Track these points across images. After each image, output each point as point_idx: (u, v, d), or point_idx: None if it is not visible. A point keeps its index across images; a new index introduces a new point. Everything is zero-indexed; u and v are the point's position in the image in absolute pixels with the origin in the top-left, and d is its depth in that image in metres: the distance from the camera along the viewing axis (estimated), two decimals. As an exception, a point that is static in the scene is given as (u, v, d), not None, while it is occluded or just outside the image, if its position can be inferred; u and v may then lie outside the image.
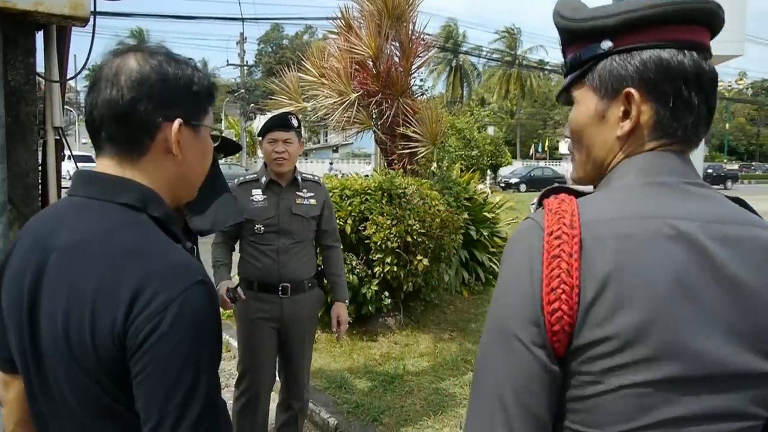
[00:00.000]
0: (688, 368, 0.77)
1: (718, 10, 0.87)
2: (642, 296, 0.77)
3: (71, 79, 2.09)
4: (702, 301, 0.78)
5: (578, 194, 0.91)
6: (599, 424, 0.79)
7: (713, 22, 0.89)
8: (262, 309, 2.95)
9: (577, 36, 0.94)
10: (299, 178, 3.07)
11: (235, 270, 3.11)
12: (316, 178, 3.21)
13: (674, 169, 0.88)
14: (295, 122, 2.99)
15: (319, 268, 3.20)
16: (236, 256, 3.13)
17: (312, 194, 3.07)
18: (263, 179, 3.02)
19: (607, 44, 0.90)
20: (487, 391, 0.84)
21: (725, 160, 45.85)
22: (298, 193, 3.04)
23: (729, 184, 35.23)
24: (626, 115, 0.89)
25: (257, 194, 3.01)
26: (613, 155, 0.93)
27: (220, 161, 1.88)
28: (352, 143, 35.61)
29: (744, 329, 0.79)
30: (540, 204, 0.91)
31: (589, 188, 0.99)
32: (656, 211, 0.82)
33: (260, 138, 3.02)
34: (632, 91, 0.88)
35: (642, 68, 0.87)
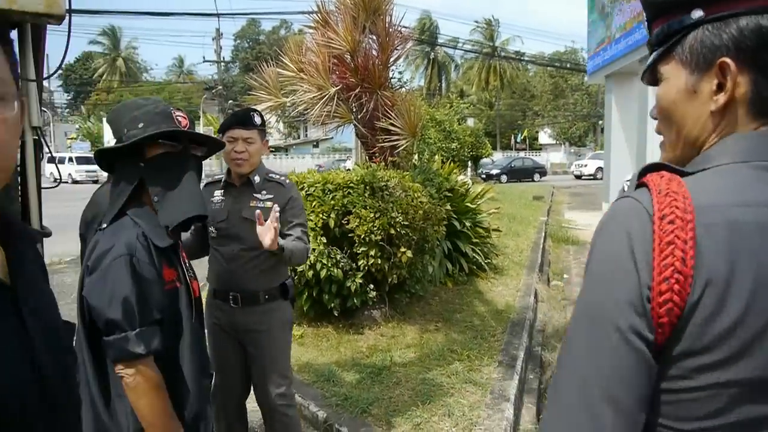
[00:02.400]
0: None
1: None
2: (750, 290, 0.72)
3: (48, 78, 2.07)
4: None
5: (681, 172, 0.83)
6: (683, 420, 0.76)
7: None
8: (216, 316, 2.83)
9: (665, 7, 0.88)
10: (256, 178, 2.80)
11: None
12: (282, 178, 2.90)
13: None
14: (258, 120, 2.78)
15: (287, 281, 2.90)
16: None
17: (271, 197, 2.77)
18: (223, 179, 2.88)
19: (697, 13, 0.83)
20: (576, 383, 0.79)
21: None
22: (255, 195, 2.78)
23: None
24: (720, 88, 0.83)
25: (217, 196, 2.85)
26: (708, 134, 0.86)
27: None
28: (332, 138, 35.50)
29: None
30: (639, 182, 0.84)
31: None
32: (765, 198, 0.76)
33: (220, 135, 2.78)
34: (727, 60, 0.80)
35: (738, 36, 0.80)
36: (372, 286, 5.33)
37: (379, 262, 5.08)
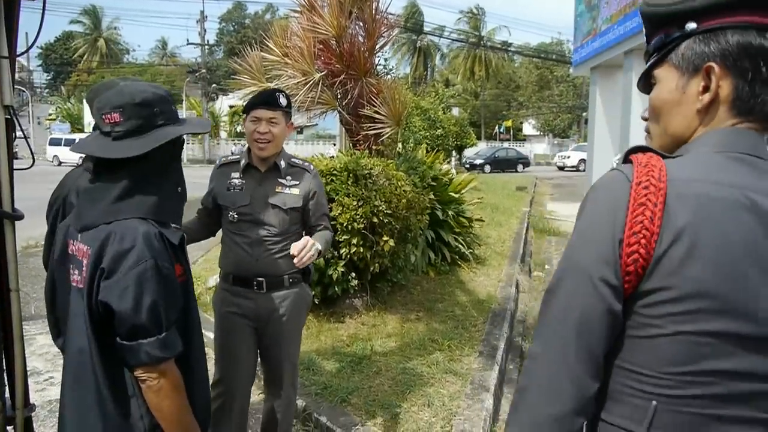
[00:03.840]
0: (745, 327, 0.85)
1: None
2: (711, 254, 0.84)
3: (21, 54, 2.00)
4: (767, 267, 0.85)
5: (663, 155, 0.96)
6: (650, 364, 0.89)
7: None
8: (236, 304, 2.74)
9: (664, 19, 1.01)
10: (282, 163, 2.76)
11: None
12: (306, 164, 2.86)
13: (751, 147, 0.94)
14: (283, 101, 2.71)
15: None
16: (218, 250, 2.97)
17: (296, 183, 2.75)
18: (243, 162, 2.76)
19: (691, 25, 0.97)
20: (552, 321, 0.95)
21: None
22: (280, 180, 2.74)
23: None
24: (706, 89, 0.96)
25: (235, 178, 2.75)
26: (692, 130, 0.99)
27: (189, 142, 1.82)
28: (316, 124, 35.27)
29: None
30: (626, 159, 0.98)
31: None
32: (734, 181, 0.88)
33: (244, 115, 2.74)
34: (713, 65, 0.94)
35: (724, 46, 0.94)
36: (354, 274, 5.31)
37: (362, 250, 5.06)
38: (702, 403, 0.87)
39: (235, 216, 2.71)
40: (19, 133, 1.98)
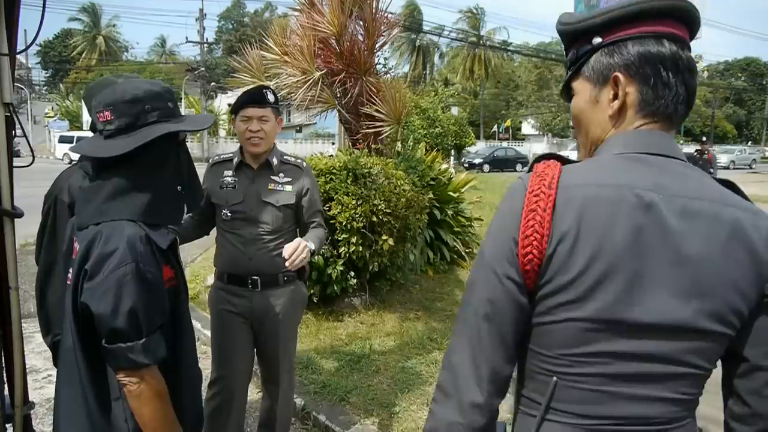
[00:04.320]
0: (629, 313, 0.94)
1: (689, 8, 1.02)
2: (593, 249, 0.94)
3: (21, 52, 1.99)
4: (653, 261, 0.94)
5: (567, 161, 1.06)
6: (549, 347, 1.01)
7: (687, 17, 1.04)
8: (231, 302, 2.73)
9: (574, 36, 1.11)
10: (274, 160, 2.76)
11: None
12: (299, 161, 2.87)
13: (654, 145, 1.03)
14: (271, 97, 2.71)
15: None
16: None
17: (289, 180, 2.75)
18: (236, 160, 2.76)
19: (597, 40, 1.07)
20: (469, 311, 1.06)
21: (681, 142, 46.87)
22: (273, 177, 2.74)
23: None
24: (615, 97, 1.05)
25: (228, 176, 2.74)
26: (605, 134, 1.08)
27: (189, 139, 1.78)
28: (315, 123, 35.25)
29: (691, 290, 0.94)
30: (531, 167, 1.07)
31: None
32: (625, 181, 0.97)
33: (233, 115, 2.73)
34: (618, 74, 1.04)
35: (626, 56, 1.03)
36: (353, 273, 5.31)
37: (361, 249, 5.06)
38: (594, 381, 0.98)
39: (229, 214, 2.70)
40: (19, 131, 1.97)
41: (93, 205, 1.54)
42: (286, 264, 2.40)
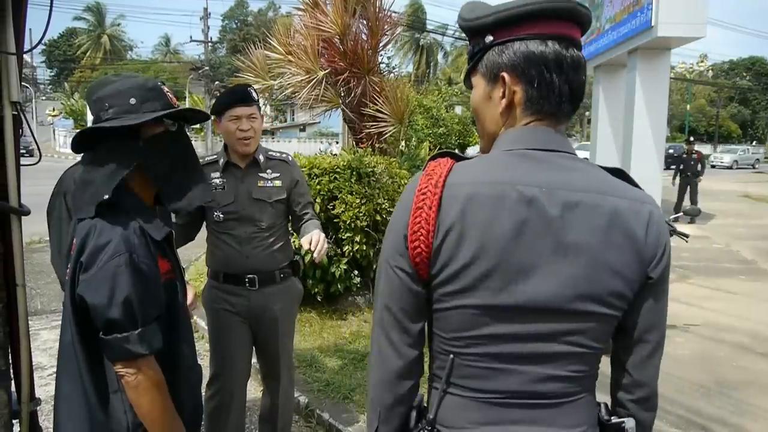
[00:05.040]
0: (511, 299, 1.02)
1: (574, 7, 1.06)
2: (475, 242, 1.01)
3: (28, 51, 2.01)
4: (535, 251, 1.01)
5: (460, 158, 1.12)
6: (445, 330, 1.09)
7: (573, 16, 1.07)
8: (228, 301, 2.73)
9: (471, 33, 1.14)
10: (261, 157, 2.77)
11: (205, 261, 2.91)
12: (284, 155, 2.90)
13: (540, 141, 1.08)
14: (255, 95, 2.72)
15: (296, 257, 2.94)
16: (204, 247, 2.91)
17: (277, 175, 2.77)
18: (221, 161, 2.74)
19: (489, 38, 1.10)
20: (377, 301, 1.15)
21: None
22: (261, 174, 2.75)
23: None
24: (504, 95, 1.10)
25: (216, 178, 2.71)
26: (498, 129, 1.14)
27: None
28: (319, 122, 35.28)
29: (572, 276, 1.01)
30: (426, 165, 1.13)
31: (472, 153, 1.26)
32: (507, 178, 1.03)
33: (218, 116, 2.68)
34: (505, 75, 1.08)
35: (512, 56, 1.07)
36: (356, 272, 5.32)
37: (364, 248, 5.07)
38: (484, 359, 1.06)
39: (221, 216, 2.69)
40: (26, 130, 1.99)
41: (82, 198, 1.57)
42: (315, 257, 2.45)
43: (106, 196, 1.52)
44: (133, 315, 1.47)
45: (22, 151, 2.00)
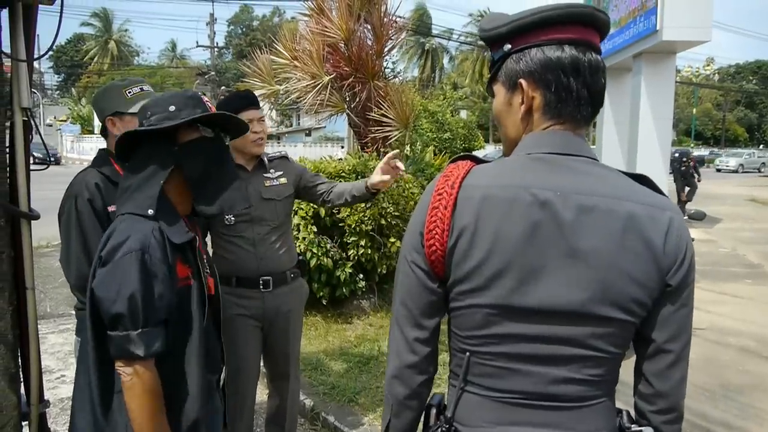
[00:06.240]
0: (522, 300, 1.03)
1: (589, 11, 1.08)
2: (488, 243, 1.03)
3: (39, 58, 2.04)
4: (548, 254, 1.02)
5: (481, 161, 1.16)
6: (461, 328, 1.11)
7: (588, 20, 1.09)
8: (242, 305, 2.70)
9: (490, 42, 1.17)
10: (265, 158, 2.83)
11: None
12: (281, 152, 2.97)
13: (559, 145, 1.09)
14: (257, 99, 2.81)
15: (300, 257, 2.98)
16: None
17: (281, 173, 2.83)
18: None
19: (507, 47, 1.13)
20: (396, 296, 1.19)
21: (692, 145, 46.46)
22: (266, 175, 2.79)
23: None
24: (523, 101, 1.12)
25: None
26: (520, 134, 1.15)
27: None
28: (324, 127, 35.31)
29: (585, 280, 1.02)
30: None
31: (492, 156, 1.24)
32: (522, 181, 1.05)
33: None
34: (522, 81, 1.11)
35: (529, 63, 1.10)
36: (361, 275, 5.34)
37: (369, 252, 5.09)
38: (499, 359, 1.08)
39: (232, 219, 2.71)
40: (35, 136, 2.02)
41: (119, 200, 1.66)
42: (399, 171, 2.71)
43: (151, 211, 1.59)
44: (136, 313, 1.48)
45: (46, 158, 2.04)
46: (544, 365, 1.06)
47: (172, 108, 1.67)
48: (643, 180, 1.11)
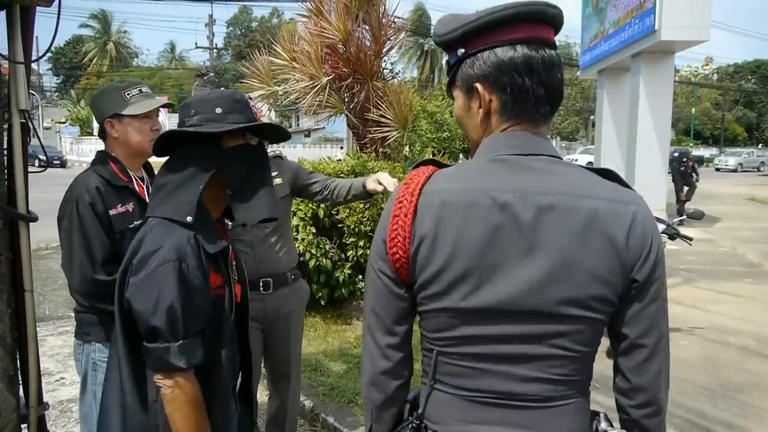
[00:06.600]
0: (484, 302, 1.03)
1: (538, 8, 1.06)
2: (449, 248, 1.04)
3: (36, 60, 2.04)
4: (508, 255, 1.02)
5: (443, 166, 1.16)
6: (429, 330, 1.12)
7: (542, 17, 1.07)
8: None
9: (445, 47, 1.16)
10: None
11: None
12: (277, 152, 2.93)
13: (518, 146, 1.09)
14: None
15: (301, 258, 2.98)
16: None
17: (276, 173, 2.78)
18: None
19: (461, 51, 1.12)
20: (366, 303, 1.20)
21: (691, 144, 46.45)
22: None
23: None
24: (480, 105, 1.11)
25: None
26: (480, 137, 1.15)
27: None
28: (323, 128, 35.27)
29: (546, 279, 1.01)
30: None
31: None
32: (481, 185, 1.05)
33: None
34: (478, 85, 1.10)
35: (483, 66, 1.09)
36: (360, 276, 5.34)
37: (368, 252, 5.07)
38: (465, 359, 1.08)
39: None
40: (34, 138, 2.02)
41: (155, 198, 1.59)
42: (390, 189, 2.63)
43: (190, 218, 1.53)
44: (176, 325, 1.44)
45: (50, 161, 2.03)
46: (509, 364, 1.06)
47: (218, 110, 1.62)
48: (608, 175, 1.10)
